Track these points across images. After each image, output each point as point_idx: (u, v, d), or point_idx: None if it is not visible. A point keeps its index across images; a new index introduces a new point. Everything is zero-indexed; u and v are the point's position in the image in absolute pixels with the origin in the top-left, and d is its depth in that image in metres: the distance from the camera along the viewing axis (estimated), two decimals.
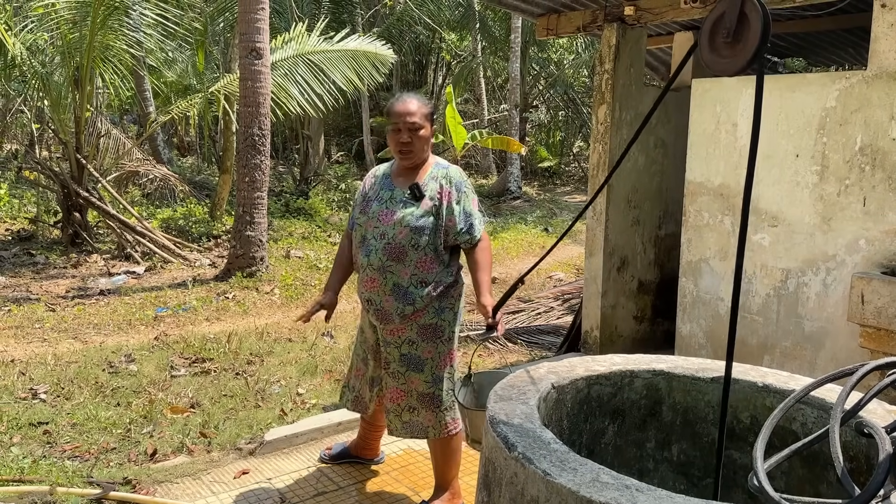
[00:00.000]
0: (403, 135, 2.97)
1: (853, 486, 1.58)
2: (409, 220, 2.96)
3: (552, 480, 1.70)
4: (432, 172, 3.06)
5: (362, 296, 3.10)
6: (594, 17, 4.79)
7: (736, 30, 1.67)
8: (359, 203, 3.16)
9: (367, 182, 3.21)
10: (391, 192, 3.05)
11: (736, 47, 1.70)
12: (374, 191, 3.12)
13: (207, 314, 6.77)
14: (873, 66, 3.61)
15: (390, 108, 3.02)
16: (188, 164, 17.78)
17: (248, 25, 7.91)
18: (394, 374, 3.10)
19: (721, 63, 1.78)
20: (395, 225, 2.97)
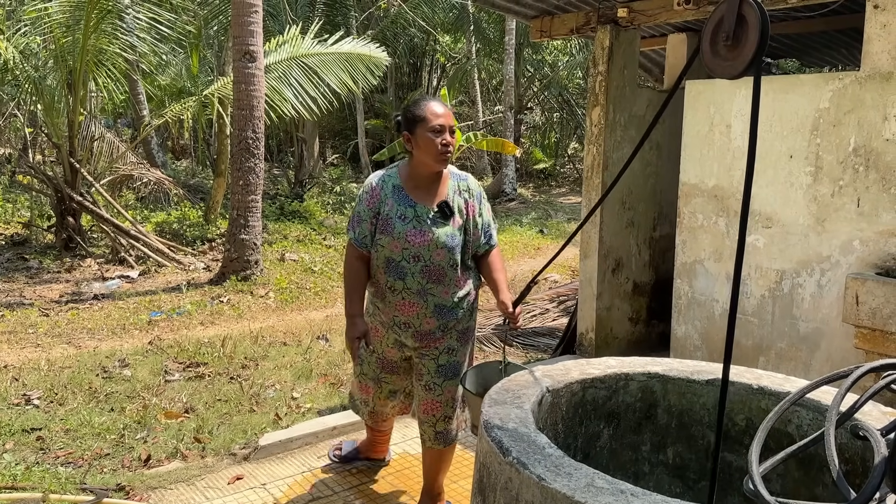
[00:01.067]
0: (447, 135, 2.84)
1: (849, 490, 1.58)
2: (446, 241, 2.88)
3: (547, 486, 1.69)
4: (453, 185, 2.96)
5: (395, 319, 2.96)
6: (587, 19, 4.79)
7: (735, 32, 1.66)
8: (366, 219, 2.92)
9: (373, 196, 2.93)
10: (414, 210, 2.88)
11: (736, 50, 1.70)
12: (389, 207, 2.89)
13: (202, 318, 6.75)
14: (866, 67, 3.62)
15: (423, 111, 2.84)
16: (183, 167, 17.74)
17: (242, 28, 7.90)
18: (428, 386, 3.03)
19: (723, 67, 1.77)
20: (429, 247, 2.86)
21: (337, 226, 12.24)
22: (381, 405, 3.25)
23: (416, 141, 2.86)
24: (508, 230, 12.89)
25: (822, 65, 7.07)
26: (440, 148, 2.82)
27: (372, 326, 3.06)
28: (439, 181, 2.94)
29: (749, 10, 1.55)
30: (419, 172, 2.92)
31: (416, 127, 2.84)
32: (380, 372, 3.15)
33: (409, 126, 2.87)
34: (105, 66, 9.61)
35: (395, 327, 2.99)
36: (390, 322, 2.99)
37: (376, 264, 2.94)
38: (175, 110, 10.84)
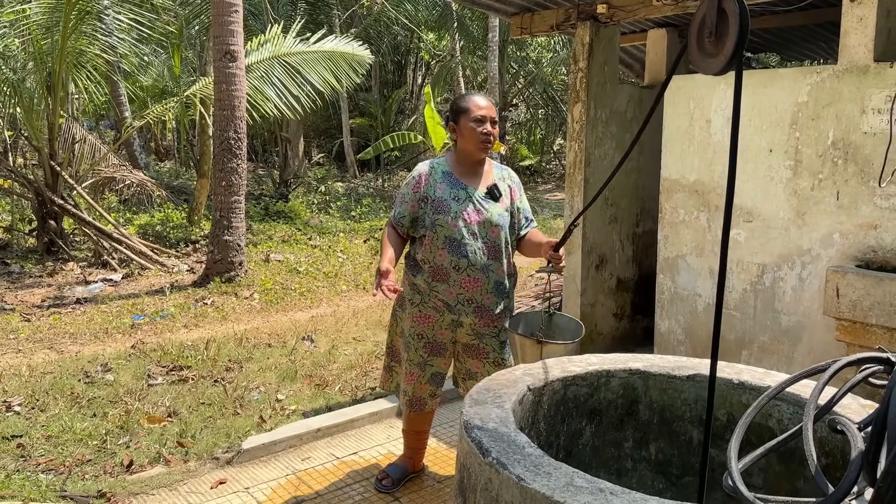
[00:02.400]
0: (487, 125, 3.06)
1: (827, 484, 1.58)
2: (498, 220, 3.12)
3: (526, 486, 1.68)
4: (497, 173, 3.23)
5: (459, 297, 3.12)
6: (568, 16, 4.78)
7: (717, 27, 1.65)
8: (409, 201, 3.15)
9: (421, 181, 3.16)
10: (466, 191, 3.11)
11: (719, 45, 1.69)
12: (443, 190, 3.11)
13: (185, 321, 6.69)
14: (843, 61, 3.63)
15: (467, 103, 3.09)
16: (166, 168, 17.62)
17: (222, 28, 7.84)
18: (496, 362, 3.21)
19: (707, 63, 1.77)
20: (484, 224, 3.10)
21: (322, 226, 12.19)
22: (420, 390, 3.30)
23: (460, 130, 3.10)
24: None
25: (803, 59, 7.11)
26: (481, 137, 3.07)
27: (421, 314, 3.20)
28: (483, 168, 3.19)
29: (729, 5, 1.54)
30: (464, 160, 3.15)
31: (460, 118, 3.09)
32: (427, 356, 3.25)
33: (455, 117, 3.13)
34: (85, 68, 9.52)
35: (459, 305, 3.13)
36: (454, 301, 3.13)
37: (436, 246, 3.12)
38: (157, 111, 10.75)
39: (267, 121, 13.08)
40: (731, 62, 1.69)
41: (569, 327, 3.10)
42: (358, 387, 4.92)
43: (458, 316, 3.16)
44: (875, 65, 3.52)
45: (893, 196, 3.50)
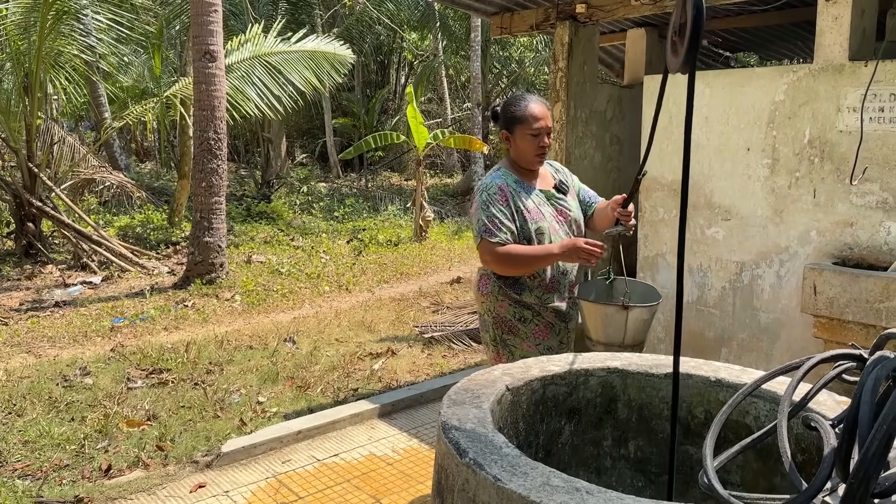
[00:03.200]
0: (544, 138, 2.93)
1: (800, 481, 1.58)
2: (576, 214, 3.07)
3: (503, 486, 1.67)
4: (550, 170, 3.13)
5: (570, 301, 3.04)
6: (547, 16, 4.78)
7: (683, 27, 1.66)
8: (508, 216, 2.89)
9: (504, 195, 2.92)
10: (544, 195, 3.02)
11: (682, 43, 1.70)
12: (526, 199, 2.95)
13: (166, 323, 6.64)
14: (819, 60, 3.66)
15: (525, 111, 2.90)
16: (147, 169, 17.47)
17: (201, 28, 7.78)
18: None
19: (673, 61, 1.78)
20: (571, 222, 3.04)
21: (305, 226, 12.14)
22: None
23: (514, 140, 2.95)
24: None
25: (781, 58, 7.17)
26: (537, 150, 2.92)
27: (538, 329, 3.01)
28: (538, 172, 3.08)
29: (688, 3, 1.55)
30: (522, 167, 3.02)
31: (514, 127, 2.93)
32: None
33: (508, 125, 2.95)
34: (64, 69, 9.42)
35: (571, 311, 3.05)
36: (567, 307, 3.03)
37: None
38: (137, 112, 10.66)
39: (248, 121, 13.01)
40: (688, 58, 1.71)
41: (636, 290, 2.99)
42: (340, 388, 4.90)
43: (569, 322, 3.06)
44: (850, 63, 3.55)
45: (869, 194, 3.54)
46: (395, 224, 12.77)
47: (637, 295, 2.95)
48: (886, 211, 3.50)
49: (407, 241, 11.25)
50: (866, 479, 1.40)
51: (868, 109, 3.45)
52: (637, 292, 2.97)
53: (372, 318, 6.79)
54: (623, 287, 3.00)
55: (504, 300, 2.98)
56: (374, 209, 14.32)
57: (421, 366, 5.49)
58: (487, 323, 3.05)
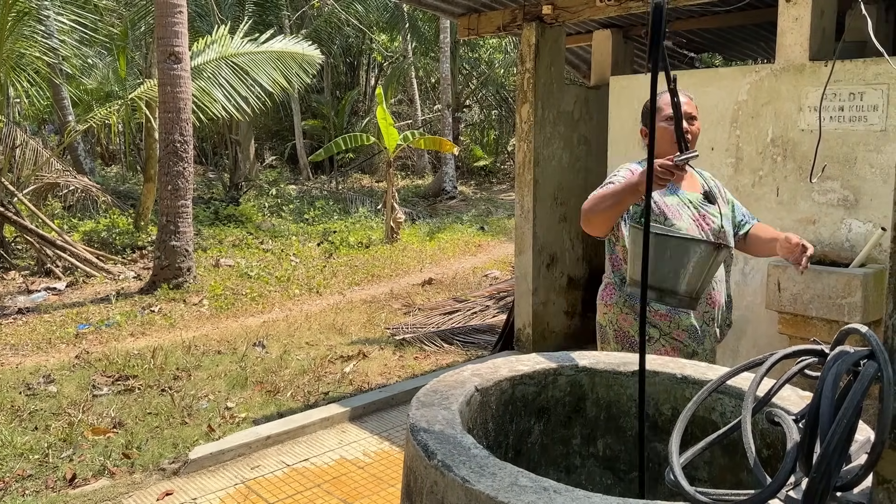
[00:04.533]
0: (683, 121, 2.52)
1: (765, 476, 1.60)
2: (726, 225, 2.76)
3: (471, 487, 1.67)
4: (699, 177, 2.85)
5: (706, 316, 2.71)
6: (514, 17, 4.80)
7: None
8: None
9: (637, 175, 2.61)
10: (687, 197, 2.73)
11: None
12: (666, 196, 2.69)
13: (132, 329, 6.53)
14: (781, 60, 3.72)
15: (660, 100, 2.59)
16: (113, 173, 17.20)
17: (166, 29, 7.68)
18: None
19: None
20: (715, 232, 2.71)
21: (275, 229, 12.04)
22: None
23: (644, 137, 2.73)
24: (449, 228, 12.91)
25: (745, 58, 7.28)
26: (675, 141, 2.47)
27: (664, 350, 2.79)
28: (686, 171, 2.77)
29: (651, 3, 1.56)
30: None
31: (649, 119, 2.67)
32: None
33: (644, 119, 2.74)
34: (25, 71, 9.22)
35: (705, 326, 2.73)
36: (700, 322, 2.72)
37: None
38: (101, 115, 10.48)
39: (216, 123, 12.88)
40: (649, 58, 1.73)
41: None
42: (311, 392, 4.86)
43: (703, 342, 2.74)
44: (811, 63, 3.62)
45: (830, 192, 3.60)
46: (366, 226, 12.73)
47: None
48: (847, 208, 3.56)
49: (378, 243, 11.21)
50: (828, 473, 1.42)
51: (828, 108, 3.51)
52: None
53: (343, 321, 6.75)
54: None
55: (630, 314, 2.78)
56: (344, 211, 14.26)
57: (392, 368, 5.47)
58: (608, 335, 2.85)
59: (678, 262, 2.36)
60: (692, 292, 2.40)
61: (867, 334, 1.53)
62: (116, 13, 13.10)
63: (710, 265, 2.35)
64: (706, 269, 2.36)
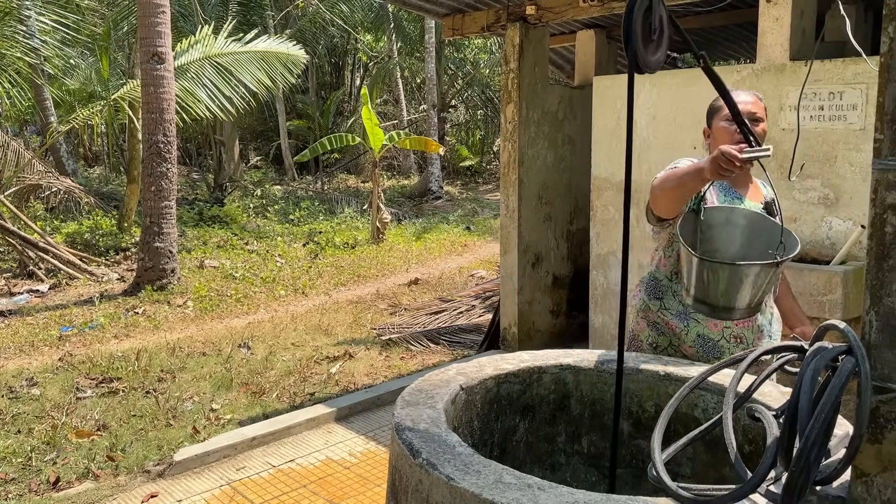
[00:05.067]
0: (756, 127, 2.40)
1: (746, 471, 1.62)
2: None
3: (455, 485, 1.68)
4: (763, 189, 2.64)
5: (726, 332, 2.52)
6: (498, 17, 4.82)
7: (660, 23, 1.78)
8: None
9: None
10: (742, 202, 2.53)
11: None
12: (716, 194, 2.52)
13: (116, 331, 6.49)
14: (762, 60, 3.75)
15: (719, 101, 2.45)
16: (96, 174, 17.07)
17: (149, 30, 7.63)
18: None
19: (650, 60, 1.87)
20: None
21: (260, 230, 12.00)
22: None
23: (713, 134, 2.53)
24: (435, 228, 12.91)
25: (728, 58, 7.33)
26: (736, 136, 2.33)
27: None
28: (750, 177, 2.60)
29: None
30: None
31: (712, 119, 2.54)
32: None
33: (708, 119, 2.57)
34: (6, 72, 9.13)
35: (722, 341, 2.54)
36: (717, 336, 2.54)
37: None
38: (83, 115, 10.40)
39: (200, 123, 12.80)
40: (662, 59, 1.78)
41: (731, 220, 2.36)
42: (296, 393, 4.85)
43: (722, 355, 2.54)
44: (791, 63, 3.65)
45: (811, 190, 3.64)
46: (352, 226, 12.71)
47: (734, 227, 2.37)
48: (828, 206, 3.60)
49: (364, 244, 11.20)
50: (807, 467, 1.44)
51: (808, 108, 3.55)
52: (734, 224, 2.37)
53: (329, 322, 6.74)
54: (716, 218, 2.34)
55: (643, 319, 2.69)
56: (330, 212, 14.22)
57: (379, 368, 5.47)
58: (629, 336, 2.75)
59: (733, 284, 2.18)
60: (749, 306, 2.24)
61: (845, 330, 1.56)
62: (99, 13, 13.00)
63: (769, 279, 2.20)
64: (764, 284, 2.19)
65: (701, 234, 2.36)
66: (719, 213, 2.39)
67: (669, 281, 2.60)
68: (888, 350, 1.48)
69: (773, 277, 2.20)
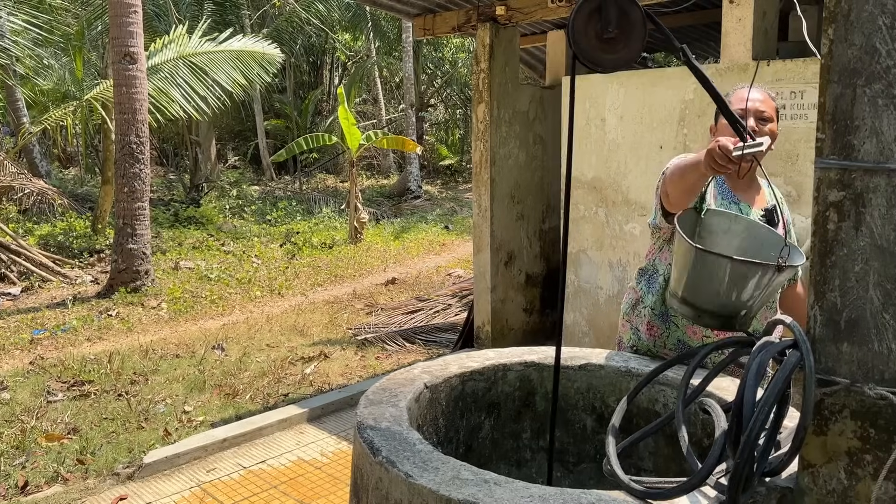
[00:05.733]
0: (751, 121, 2.30)
1: (697, 463, 1.66)
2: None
3: (413, 482, 1.70)
4: (768, 191, 2.49)
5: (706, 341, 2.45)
6: (468, 17, 4.84)
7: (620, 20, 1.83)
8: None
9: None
10: (738, 207, 2.40)
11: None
12: (713, 197, 2.40)
13: (89, 334, 6.44)
14: (725, 59, 3.81)
15: (731, 97, 2.35)
16: (70, 175, 16.87)
17: (121, 29, 7.57)
18: None
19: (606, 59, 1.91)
20: None
21: (236, 230, 11.94)
22: None
23: (717, 132, 2.39)
24: (414, 228, 12.92)
25: (697, 58, 7.40)
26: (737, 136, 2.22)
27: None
28: (754, 179, 2.48)
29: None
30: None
31: (718, 116, 2.40)
32: None
33: (716, 116, 2.43)
34: None
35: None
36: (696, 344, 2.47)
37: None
38: (56, 116, 10.29)
39: (176, 124, 12.71)
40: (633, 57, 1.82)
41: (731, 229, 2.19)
42: (270, 394, 4.84)
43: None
44: (753, 63, 3.71)
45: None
46: (330, 226, 12.68)
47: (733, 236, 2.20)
48: (791, 203, 3.66)
49: (342, 244, 11.18)
50: (751, 459, 1.48)
51: None
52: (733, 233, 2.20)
53: (305, 322, 6.73)
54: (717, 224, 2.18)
55: (627, 324, 2.64)
56: (308, 212, 14.18)
57: (354, 368, 5.48)
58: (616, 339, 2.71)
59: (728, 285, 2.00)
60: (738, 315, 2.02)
61: (791, 325, 1.60)
62: (72, 13, 12.86)
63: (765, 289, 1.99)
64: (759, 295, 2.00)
65: (699, 239, 2.19)
66: (721, 220, 2.23)
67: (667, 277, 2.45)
68: (832, 344, 1.52)
69: (769, 288, 2.01)
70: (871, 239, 1.43)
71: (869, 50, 1.39)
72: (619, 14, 1.80)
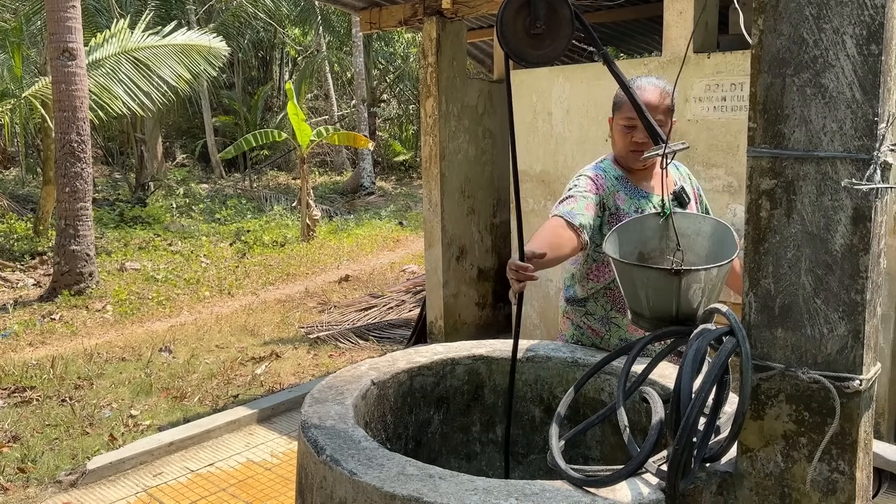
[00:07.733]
0: (639, 134, 2.30)
1: (636, 448, 1.67)
2: None
3: (358, 480, 1.68)
4: (674, 172, 2.48)
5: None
6: (414, 11, 4.82)
7: (549, 17, 1.84)
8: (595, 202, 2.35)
9: (598, 182, 2.40)
10: (649, 201, 2.41)
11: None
12: (622, 201, 2.39)
13: (31, 339, 6.24)
14: (667, 52, 3.87)
15: (620, 97, 2.31)
16: (11, 176, 16.33)
17: (58, 25, 7.34)
18: None
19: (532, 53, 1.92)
20: None
21: (184, 230, 11.71)
22: None
23: (610, 129, 2.42)
24: (367, 224, 12.85)
25: (640, 52, 7.52)
26: (630, 146, 2.32)
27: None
28: (653, 168, 2.45)
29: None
30: (629, 164, 2.42)
31: (614, 112, 2.38)
32: None
33: (613, 110, 2.39)
34: None
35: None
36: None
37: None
38: None
39: (121, 121, 12.40)
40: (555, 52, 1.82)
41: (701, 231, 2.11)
42: (219, 396, 4.76)
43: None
44: (695, 56, 3.77)
45: (716, 178, 3.77)
46: (282, 224, 12.52)
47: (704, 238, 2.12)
48: (732, 194, 3.74)
49: (294, 241, 11.05)
50: (689, 445, 1.50)
51: (712, 99, 3.67)
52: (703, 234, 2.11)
53: (255, 322, 6.63)
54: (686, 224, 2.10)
55: (567, 320, 2.63)
56: (259, 210, 13.98)
57: (306, 367, 5.42)
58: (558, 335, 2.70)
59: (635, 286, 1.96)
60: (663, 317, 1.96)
61: (726, 312, 1.62)
62: (10, 8, 12.43)
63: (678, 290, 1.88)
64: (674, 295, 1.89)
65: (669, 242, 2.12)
66: (690, 222, 2.14)
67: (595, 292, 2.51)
68: (767, 330, 1.55)
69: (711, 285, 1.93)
70: (803, 226, 1.45)
71: (797, 40, 1.41)
72: (548, 10, 1.81)
